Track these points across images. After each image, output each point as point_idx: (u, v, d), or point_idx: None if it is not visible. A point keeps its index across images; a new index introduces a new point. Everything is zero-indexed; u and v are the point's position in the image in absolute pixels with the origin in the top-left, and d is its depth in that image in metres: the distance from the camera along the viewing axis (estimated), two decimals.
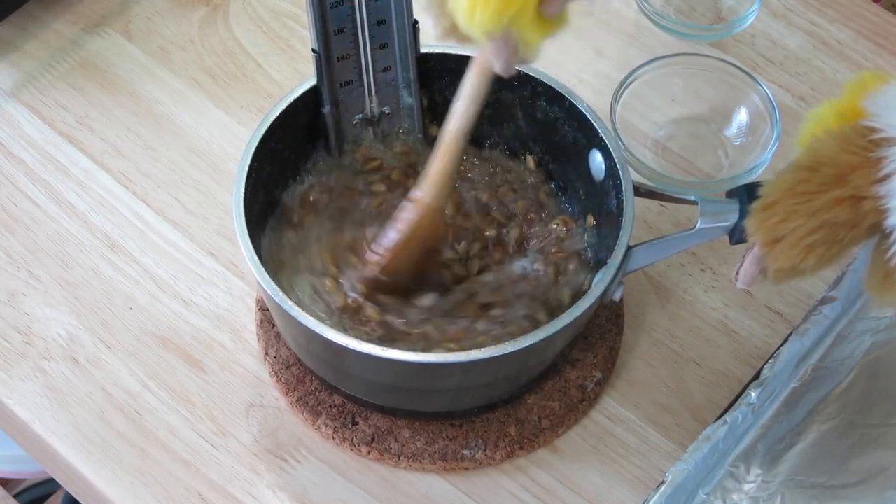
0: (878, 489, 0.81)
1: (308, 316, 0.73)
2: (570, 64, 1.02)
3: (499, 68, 0.72)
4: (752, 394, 0.82)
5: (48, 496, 1.37)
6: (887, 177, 0.67)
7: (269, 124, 0.80)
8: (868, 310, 0.87)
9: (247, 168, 0.78)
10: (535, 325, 0.78)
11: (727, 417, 0.81)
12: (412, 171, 0.86)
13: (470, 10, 0.68)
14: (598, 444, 0.84)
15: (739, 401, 0.82)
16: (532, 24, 0.69)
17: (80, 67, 1.01)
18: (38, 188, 0.94)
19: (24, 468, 1.32)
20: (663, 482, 0.78)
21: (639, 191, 0.80)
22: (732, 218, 0.76)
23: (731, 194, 0.77)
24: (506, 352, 0.73)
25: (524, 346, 0.73)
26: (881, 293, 0.72)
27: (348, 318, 0.79)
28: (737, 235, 0.76)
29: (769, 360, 0.83)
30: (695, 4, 1.05)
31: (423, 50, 0.84)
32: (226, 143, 0.97)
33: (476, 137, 0.87)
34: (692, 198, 0.78)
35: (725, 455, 0.81)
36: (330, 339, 0.73)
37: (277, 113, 0.81)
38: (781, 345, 0.84)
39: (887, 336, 0.87)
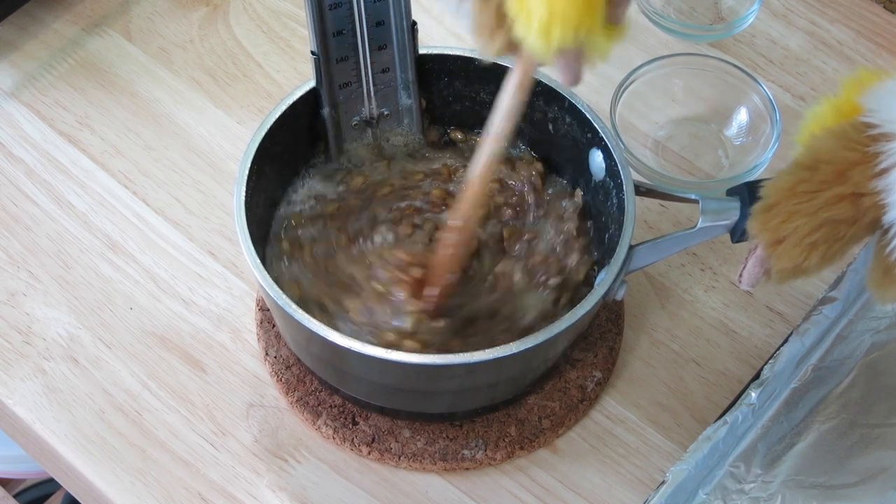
0: (878, 489, 0.81)
1: (308, 317, 0.73)
2: None
3: (568, 81, 0.71)
4: (752, 394, 0.82)
5: (48, 496, 1.37)
6: (885, 171, 0.67)
7: (268, 127, 0.80)
8: (868, 310, 0.87)
9: (246, 172, 0.78)
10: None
11: (727, 417, 0.81)
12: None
13: (545, 28, 0.66)
14: (598, 444, 0.84)
15: (739, 401, 0.82)
16: (602, 33, 0.68)
17: (80, 67, 1.01)
18: (38, 188, 0.94)
19: (24, 468, 1.32)
20: (663, 482, 0.78)
21: (639, 190, 0.80)
22: (733, 216, 0.76)
23: (731, 192, 0.77)
24: (509, 352, 0.73)
25: (528, 346, 0.73)
26: (882, 288, 0.72)
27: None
28: (738, 233, 0.76)
29: (769, 360, 0.83)
30: (695, 4, 1.05)
31: (421, 51, 0.84)
32: (226, 143, 0.97)
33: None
34: (693, 196, 0.78)
35: (725, 455, 0.81)
36: (331, 340, 0.73)
37: (277, 115, 0.81)
38: (781, 345, 0.84)
39: (887, 336, 0.87)
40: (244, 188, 0.78)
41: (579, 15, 0.66)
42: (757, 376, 0.83)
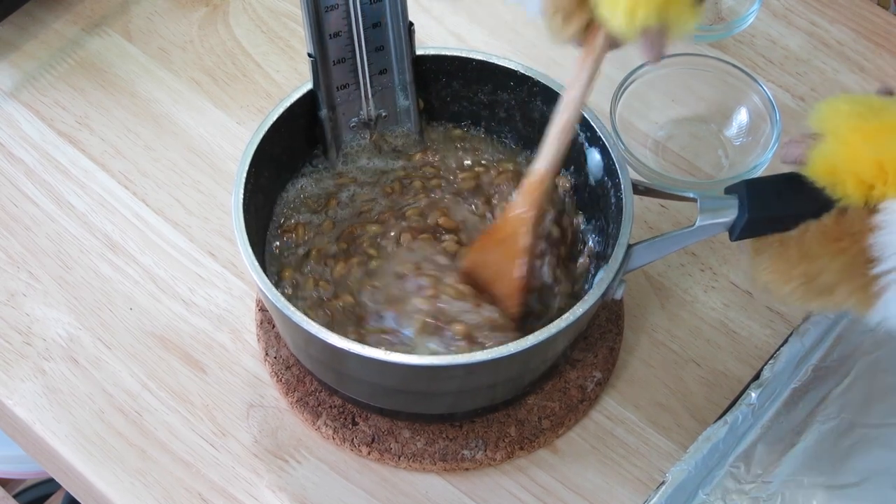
0: (878, 489, 0.81)
1: (308, 319, 0.73)
2: (570, 64, 1.02)
3: (652, 57, 0.71)
4: (752, 394, 0.82)
5: (48, 496, 1.37)
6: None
7: (266, 129, 0.80)
8: None
9: (244, 174, 0.78)
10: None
11: (727, 417, 0.81)
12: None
13: (631, 9, 0.68)
14: (598, 444, 0.84)
15: (739, 401, 0.82)
16: (687, 10, 0.69)
17: (80, 67, 1.01)
18: (38, 188, 0.94)
19: (24, 468, 1.32)
20: (663, 482, 0.78)
21: (637, 189, 0.80)
22: (732, 214, 0.76)
23: (729, 190, 0.77)
24: (508, 353, 0.73)
25: (526, 346, 0.73)
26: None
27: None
28: (736, 231, 0.76)
29: (769, 360, 0.83)
30: None
31: (418, 52, 0.84)
32: (226, 143, 0.97)
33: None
34: (691, 195, 0.78)
35: (725, 455, 0.81)
36: (329, 342, 0.73)
37: (275, 118, 0.81)
38: (781, 345, 0.84)
39: (887, 335, 0.87)
40: (242, 190, 0.78)
41: None
42: (757, 376, 0.83)
